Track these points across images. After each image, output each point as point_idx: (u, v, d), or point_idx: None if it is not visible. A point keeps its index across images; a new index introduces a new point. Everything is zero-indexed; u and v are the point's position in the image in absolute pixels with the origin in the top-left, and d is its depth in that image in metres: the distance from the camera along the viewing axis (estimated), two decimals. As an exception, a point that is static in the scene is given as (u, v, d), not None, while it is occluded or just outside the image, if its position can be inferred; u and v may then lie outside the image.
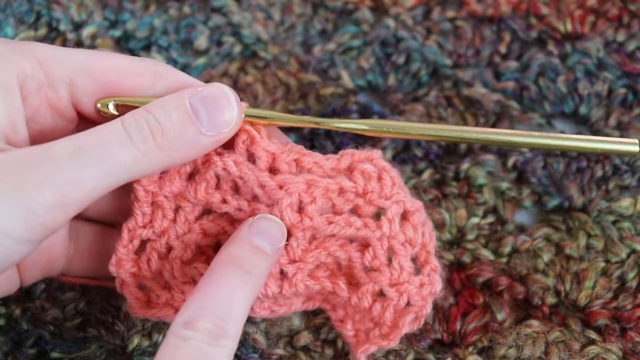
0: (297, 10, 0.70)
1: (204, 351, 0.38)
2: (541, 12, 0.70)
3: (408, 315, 0.45)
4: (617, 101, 0.65)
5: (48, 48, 0.45)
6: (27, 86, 0.44)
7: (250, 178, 0.45)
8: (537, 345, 0.51)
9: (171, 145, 0.42)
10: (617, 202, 0.59)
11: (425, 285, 0.45)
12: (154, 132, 0.42)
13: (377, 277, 0.45)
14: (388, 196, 0.45)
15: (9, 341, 0.51)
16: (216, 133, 0.43)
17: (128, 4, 0.70)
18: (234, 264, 0.42)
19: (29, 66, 0.44)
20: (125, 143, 0.41)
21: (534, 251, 0.56)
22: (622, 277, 0.55)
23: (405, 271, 0.45)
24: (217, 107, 0.44)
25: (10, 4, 0.68)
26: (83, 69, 0.45)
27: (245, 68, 0.67)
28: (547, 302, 0.54)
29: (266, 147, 0.45)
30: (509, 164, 0.61)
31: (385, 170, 0.45)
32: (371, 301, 0.45)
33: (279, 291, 0.45)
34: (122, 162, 0.41)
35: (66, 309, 0.53)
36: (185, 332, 0.38)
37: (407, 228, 0.45)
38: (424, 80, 0.67)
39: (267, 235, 0.43)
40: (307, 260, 0.45)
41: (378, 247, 0.45)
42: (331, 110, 0.64)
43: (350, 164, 0.46)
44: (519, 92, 0.65)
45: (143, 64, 0.46)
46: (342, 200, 0.45)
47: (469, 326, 0.53)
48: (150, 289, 0.47)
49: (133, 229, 0.46)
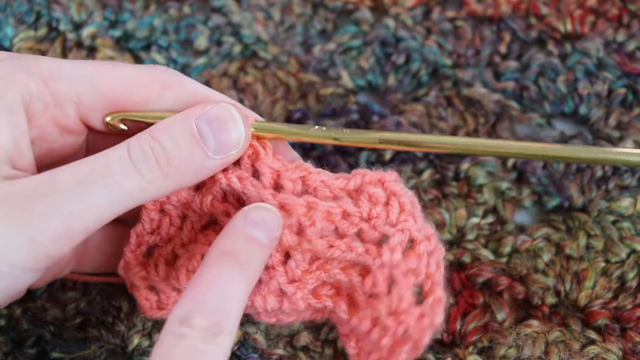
0: (297, 10, 0.70)
1: (199, 349, 0.37)
2: (541, 12, 0.70)
3: (405, 344, 0.43)
4: (617, 101, 0.65)
5: (53, 64, 0.44)
6: (33, 107, 0.43)
7: (253, 194, 0.44)
8: (537, 345, 0.51)
9: (177, 172, 0.42)
10: (617, 202, 0.59)
11: (425, 316, 0.43)
12: (160, 160, 0.42)
13: (376, 304, 0.43)
14: (393, 223, 0.43)
15: (10, 341, 0.51)
16: (223, 156, 0.43)
17: (128, 4, 0.70)
18: (229, 256, 0.41)
19: (35, 85, 0.43)
20: (131, 172, 0.41)
21: (534, 251, 0.56)
22: (622, 277, 0.55)
23: (405, 301, 0.42)
24: (224, 129, 0.43)
25: (10, 3, 0.68)
26: (89, 85, 0.44)
27: (245, 68, 0.67)
28: (547, 302, 0.54)
29: (270, 164, 0.44)
30: (508, 164, 0.61)
31: (395, 195, 0.44)
32: (369, 326, 0.43)
33: (278, 307, 0.44)
34: (128, 191, 0.41)
35: (67, 308, 0.53)
36: (181, 329, 0.38)
37: (411, 258, 0.43)
38: (424, 80, 0.67)
39: (263, 225, 0.42)
40: (306, 280, 0.44)
41: (378, 274, 0.43)
42: (331, 110, 0.64)
43: (359, 185, 0.44)
44: (518, 92, 0.65)
45: (150, 74, 0.45)
46: (346, 224, 0.44)
47: (469, 326, 0.53)
48: (160, 290, 0.47)
49: (140, 234, 0.46)
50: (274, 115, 0.63)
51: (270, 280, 0.44)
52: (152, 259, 0.47)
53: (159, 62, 0.66)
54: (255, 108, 0.64)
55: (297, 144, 0.61)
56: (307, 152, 0.61)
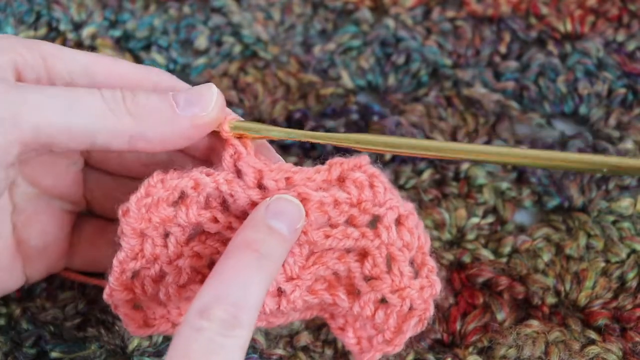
0: (297, 10, 0.70)
1: (216, 342, 0.37)
2: (541, 12, 0.70)
3: (412, 319, 0.44)
4: (617, 101, 0.65)
5: (54, 47, 0.45)
6: (25, 74, 0.43)
7: (241, 195, 0.44)
8: (537, 345, 0.51)
9: (142, 114, 0.42)
10: (617, 202, 0.59)
11: (425, 287, 0.45)
12: (125, 96, 0.42)
13: (378, 285, 0.44)
14: (382, 203, 0.44)
15: (9, 341, 0.51)
16: (191, 115, 0.43)
17: (128, 4, 0.70)
18: (249, 248, 0.40)
19: (31, 57, 0.43)
20: (96, 95, 0.42)
21: (534, 251, 0.56)
22: (622, 277, 0.55)
23: (405, 276, 0.44)
24: (195, 92, 0.44)
25: (10, 3, 0.68)
26: (85, 71, 0.45)
27: (245, 68, 0.67)
28: (547, 302, 0.54)
29: (252, 163, 0.44)
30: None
31: (376, 177, 0.45)
32: (374, 309, 0.44)
33: (277, 308, 0.44)
34: (89, 107, 0.41)
35: (66, 308, 0.53)
36: (200, 322, 0.37)
37: (404, 233, 0.44)
38: (424, 80, 0.67)
39: (285, 216, 0.42)
40: (305, 277, 0.44)
41: (377, 255, 0.44)
42: (331, 110, 0.64)
43: (340, 173, 0.45)
44: (518, 92, 0.65)
45: (144, 72, 0.46)
46: (337, 212, 0.44)
47: (469, 326, 0.53)
48: (146, 306, 0.47)
49: (123, 261, 0.45)
50: (274, 115, 0.63)
51: None
52: (138, 279, 0.46)
53: (159, 62, 0.66)
54: (255, 108, 0.64)
55: (298, 144, 0.61)
56: (307, 152, 0.61)
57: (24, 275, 0.49)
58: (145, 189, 0.43)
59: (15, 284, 0.49)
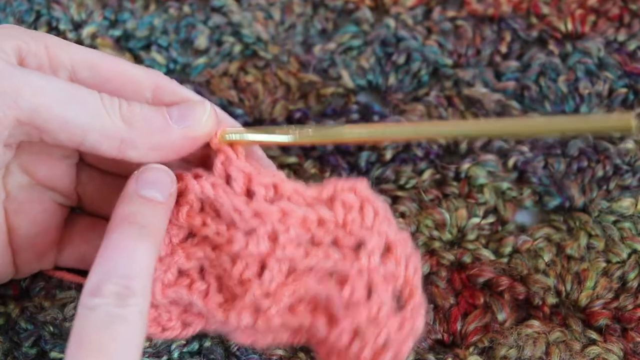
0: (297, 10, 0.70)
1: (113, 314, 0.38)
2: (542, 11, 0.70)
3: (386, 354, 0.41)
4: (618, 101, 0.65)
5: (58, 39, 0.46)
6: (28, 61, 0.44)
7: (226, 202, 0.43)
8: (538, 345, 0.51)
9: (136, 122, 0.43)
10: (617, 202, 0.59)
11: (406, 321, 0.41)
12: (122, 104, 0.43)
13: (355, 314, 0.41)
14: (369, 227, 0.42)
15: (8, 341, 0.51)
16: (184, 126, 0.44)
17: (128, 4, 0.69)
18: (127, 221, 0.41)
19: (35, 45, 0.44)
20: (94, 95, 0.43)
21: (535, 251, 0.56)
22: (623, 277, 0.55)
23: (385, 306, 0.41)
24: (189, 107, 0.45)
25: (10, 3, 0.68)
26: (87, 62, 0.45)
27: (246, 68, 0.67)
28: (548, 302, 0.54)
29: (243, 167, 0.44)
30: (509, 164, 0.61)
31: (368, 201, 0.43)
32: (349, 339, 0.41)
33: (252, 323, 0.42)
34: (85, 102, 0.42)
35: (66, 308, 0.53)
36: (93, 300, 0.38)
37: (390, 261, 0.42)
38: (425, 80, 0.66)
39: (156, 183, 0.43)
40: (282, 293, 0.42)
41: (357, 280, 0.41)
42: (331, 110, 0.63)
43: (332, 194, 0.43)
44: (519, 92, 0.65)
45: (145, 73, 0.46)
46: (321, 231, 0.42)
47: (470, 326, 0.53)
48: None
49: None
50: (274, 115, 0.63)
51: (246, 294, 0.42)
52: None
53: (159, 62, 0.66)
54: (255, 108, 0.64)
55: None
56: (307, 153, 0.61)
57: (14, 267, 0.49)
58: None
59: (4, 274, 0.49)
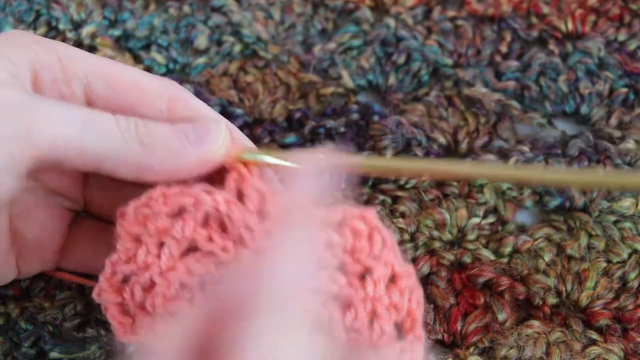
0: (297, 10, 0.70)
1: None
2: (542, 11, 0.70)
3: None
4: (619, 101, 0.64)
5: (69, 48, 0.45)
6: (42, 76, 0.43)
7: (238, 218, 0.43)
8: (538, 345, 0.51)
9: (152, 144, 0.42)
10: (618, 202, 0.59)
11: (405, 352, 0.42)
12: (138, 125, 0.42)
13: (357, 339, 0.41)
14: (376, 256, 0.42)
15: (8, 341, 0.51)
16: (200, 152, 0.43)
17: (128, 4, 0.69)
18: None
19: (48, 57, 0.43)
20: (108, 116, 0.42)
21: (535, 251, 0.56)
22: (624, 277, 0.55)
23: (385, 335, 0.41)
24: (205, 127, 0.44)
25: (10, 2, 0.68)
26: (101, 73, 0.44)
27: (246, 67, 0.67)
28: (548, 302, 0.54)
29: (257, 186, 0.43)
30: (509, 164, 0.61)
31: (377, 230, 0.43)
32: None
33: None
34: (100, 122, 0.41)
35: (65, 308, 0.53)
36: None
37: (394, 292, 0.42)
38: (425, 80, 0.66)
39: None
40: None
41: (360, 308, 0.42)
42: (331, 110, 0.63)
43: (341, 219, 0.43)
44: (519, 92, 0.65)
45: (160, 84, 0.46)
46: (328, 255, 0.42)
47: (470, 327, 0.53)
48: (134, 314, 0.46)
49: (115, 263, 0.44)
50: (274, 115, 0.63)
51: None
52: (128, 285, 0.45)
53: (158, 62, 0.66)
54: (255, 108, 0.64)
55: (297, 145, 0.61)
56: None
57: (17, 268, 0.49)
58: (145, 200, 0.43)
59: (7, 275, 0.49)
